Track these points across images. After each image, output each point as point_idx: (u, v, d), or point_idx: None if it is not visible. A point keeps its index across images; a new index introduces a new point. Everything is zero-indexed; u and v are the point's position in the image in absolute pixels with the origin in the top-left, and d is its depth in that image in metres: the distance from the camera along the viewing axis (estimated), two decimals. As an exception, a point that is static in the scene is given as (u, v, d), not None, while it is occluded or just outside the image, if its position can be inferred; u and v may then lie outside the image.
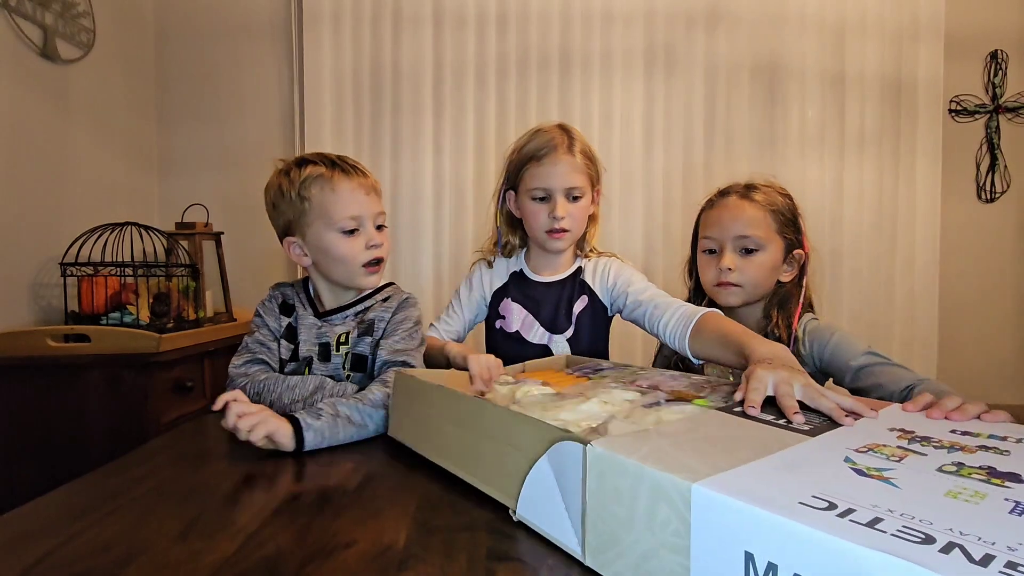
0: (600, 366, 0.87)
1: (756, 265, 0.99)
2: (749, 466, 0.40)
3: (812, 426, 0.51)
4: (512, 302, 1.13)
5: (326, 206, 0.92)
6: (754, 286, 1.00)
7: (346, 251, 0.92)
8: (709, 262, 1.04)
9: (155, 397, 1.38)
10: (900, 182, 2.11)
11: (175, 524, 0.52)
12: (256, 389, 0.87)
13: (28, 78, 1.52)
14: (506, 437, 0.54)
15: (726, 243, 1.00)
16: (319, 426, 0.73)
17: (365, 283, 0.96)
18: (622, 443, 0.45)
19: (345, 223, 0.92)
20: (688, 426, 0.51)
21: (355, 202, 0.92)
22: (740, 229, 0.99)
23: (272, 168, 1.02)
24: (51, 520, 0.54)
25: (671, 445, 0.45)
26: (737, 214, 1.00)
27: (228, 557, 0.46)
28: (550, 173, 1.04)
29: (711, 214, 1.05)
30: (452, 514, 0.54)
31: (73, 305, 1.49)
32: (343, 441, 0.76)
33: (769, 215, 1.00)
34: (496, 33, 2.03)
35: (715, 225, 1.03)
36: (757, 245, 0.99)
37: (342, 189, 0.92)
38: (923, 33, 2.09)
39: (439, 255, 2.05)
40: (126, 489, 0.61)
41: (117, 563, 0.45)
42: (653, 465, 0.40)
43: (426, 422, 0.68)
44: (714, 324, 0.87)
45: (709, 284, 1.04)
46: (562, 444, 0.46)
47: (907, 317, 2.11)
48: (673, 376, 0.76)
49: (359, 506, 0.57)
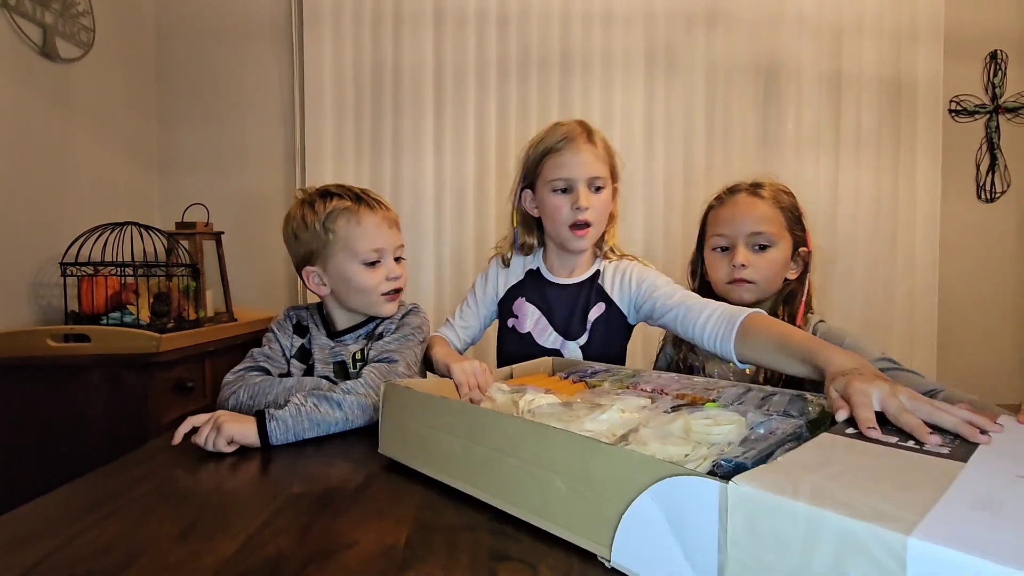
0: (589, 369, 0.86)
1: (769, 261, 0.99)
2: (941, 508, 0.34)
3: (950, 448, 0.44)
4: (526, 302, 1.11)
5: (351, 239, 0.94)
6: (767, 283, 1.00)
7: (367, 282, 0.95)
8: (720, 260, 1.02)
9: (155, 397, 1.38)
10: (900, 182, 2.11)
11: (175, 525, 0.52)
12: (251, 392, 0.88)
13: (28, 77, 1.52)
14: (574, 468, 0.47)
15: (739, 240, 0.99)
16: (282, 415, 0.75)
17: (383, 311, 0.98)
18: (770, 480, 0.37)
19: (368, 255, 0.94)
20: (815, 454, 0.44)
21: (379, 236, 0.96)
22: (753, 225, 0.99)
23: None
24: (51, 520, 0.54)
25: (827, 480, 0.38)
26: (750, 211, 1.00)
27: (228, 558, 0.46)
28: (572, 162, 1.01)
29: (721, 212, 1.04)
30: (453, 514, 0.54)
31: (73, 305, 1.48)
32: (315, 431, 0.77)
33: (779, 212, 1.00)
34: (497, 33, 2.03)
35: (727, 222, 1.02)
36: (770, 241, 0.99)
37: (367, 223, 0.95)
38: (923, 33, 2.09)
39: (440, 255, 2.05)
40: (126, 489, 0.61)
41: (117, 564, 0.45)
42: (838, 510, 0.33)
43: (433, 438, 0.62)
44: (765, 326, 0.81)
45: (721, 282, 1.02)
46: (676, 480, 0.39)
47: (907, 317, 2.11)
48: (672, 378, 0.76)
49: (360, 506, 0.56)
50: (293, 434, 0.75)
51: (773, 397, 0.64)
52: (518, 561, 0.45)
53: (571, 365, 0.91)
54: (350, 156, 2.02)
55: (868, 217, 2.10)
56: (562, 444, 0.48)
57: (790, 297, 1.02)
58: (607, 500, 0.44)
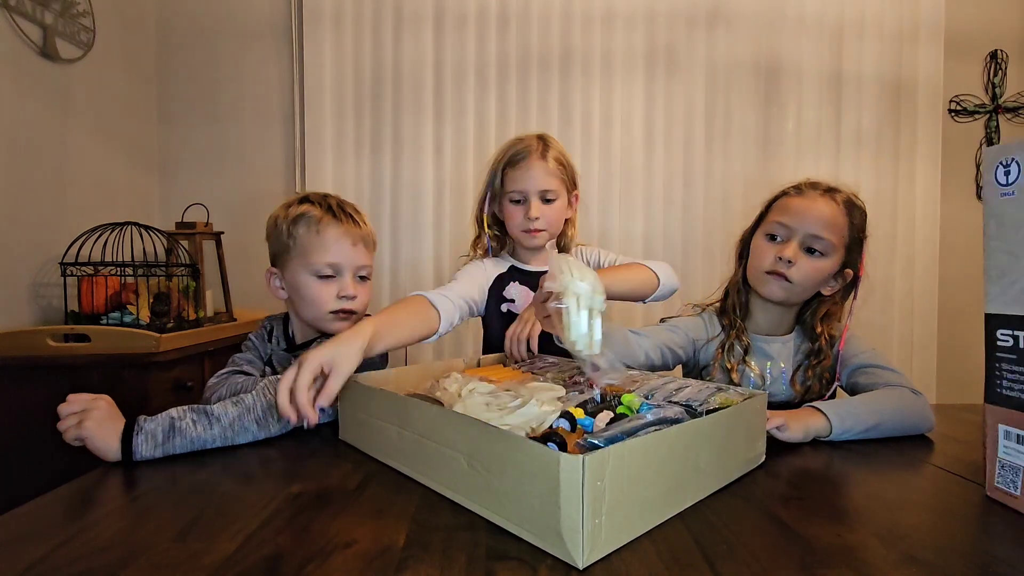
0: (540, 362, 0.91)
1: (815, 268, 0.94)
2: None
3: None
4: (520, 284, 1.18)
5: (308, 247, 0.92)
6: (803, 288, 0.96)
7: (315, 295, 0.92)
8: (769, 248, 0.97)
9: (155, 397, 1.38)
10: (900, 182, 2.11)
11: (174, 524, 0.52)
12: (232, 390, 0.88)
13: (28, 78, 1.52)
14: (470, 448, 0.54)
15: (796, 234, 0.94)
16: (153, 429, 0.69)
17: (331, 329, 0.93)
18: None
19: (321, 268, 0.92)
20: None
21: (338, 250, 0.92)
22: (817, 227, 0.93)
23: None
24: (51, 520, 0.54)
25: None
26: (821, 211, 0.94)
27: (227, 557, 0.46)
28: (524, 177, 1.13)
29: (793, 201, 0.97)
30: (451, 514, 0.54)
31: (73, 305, 1.48)
32: (189, 447, 0.70)
33: (847, 225, 0.96)
34: (497, 33, 2.03)
35: (795, 213, 0.96)
36: (825, 249, 0.94)
37: (328, 235, 0.92)
38: (923, 33, 2.09)
39: (440, 255, 2.05)
40: (126, 489, 0.61)
41: (116, 563, 0.45)
42: None
43: (376, 426, 0.70)
44: (618, 267, 1.01)
45: (760, 270, 0.97)
46: (534, 452, 0.47)
47: (906, 317, 2.11)
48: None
49: (359, 506, 0.57)
50: (163, 451, 0.68)
51: (686, 388, 0.71)
52: (516, 560, 0.45)
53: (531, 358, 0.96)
54: (350, 156, 2.02)
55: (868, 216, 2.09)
56: (462, 428, 0.56)
57: (828, 315, 0.99)
58: (493, 473, 0.52)
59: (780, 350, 1.00)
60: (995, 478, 0.58)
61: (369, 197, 2.02)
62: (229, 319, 1.76)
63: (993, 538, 0.51)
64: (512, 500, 0.50)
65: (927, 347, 2.11)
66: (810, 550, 0.47)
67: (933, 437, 0.81)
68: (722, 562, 0.45)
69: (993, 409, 0.58)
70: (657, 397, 0.68)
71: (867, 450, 0.75)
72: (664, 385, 0.73)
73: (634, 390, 0.71)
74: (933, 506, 0.58)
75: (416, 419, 0.63)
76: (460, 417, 0.58)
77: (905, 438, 0.80)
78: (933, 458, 0.73)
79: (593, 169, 2.05)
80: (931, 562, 0.45)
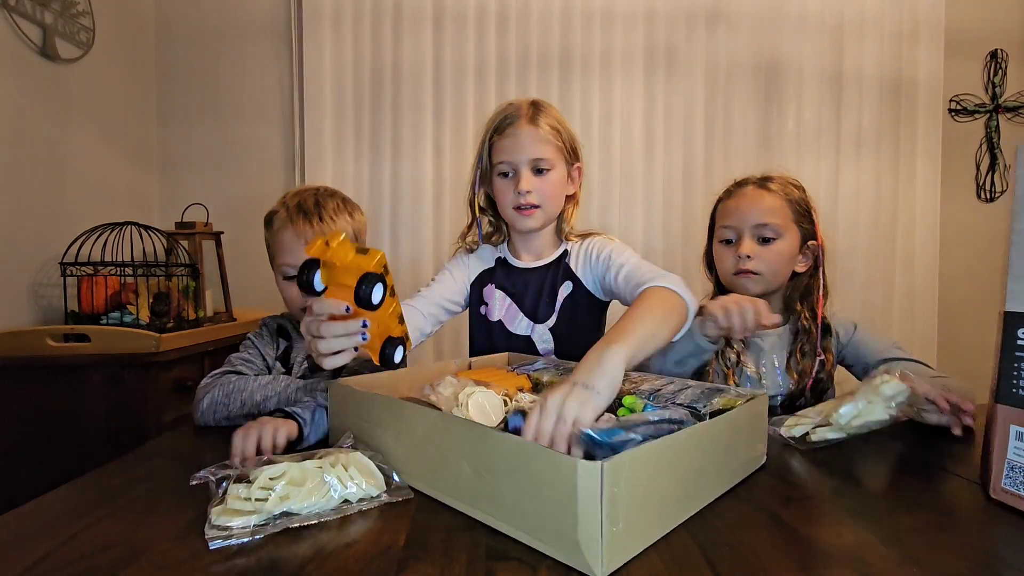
0: (535, 364, 0.88)
1: (774, 253, 1.00)
2: None
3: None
4: (495, 288, 1.06)
5: (274, 246, 0.96)
6: (772, 274, 1.00)
7: (286, 295, 0.96)
8: (727, 252, 1.03)
9: (155, 397, 1.38)
10: (900, 182, 2.11)
11: (175, 524, 0.52)
12: (225, 391, 0.88)
13: (28, 77, 1.52)
14: (475, 454, 0.53)
15: (744, 231, 1.01)
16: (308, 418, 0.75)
17: None
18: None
19: (283, 268, 0.94)
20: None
21: (293, 251, 0.93)
22: (759, 217, 1.00)
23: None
24: (51, 520, 0.54)
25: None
26: (756, 203, 1.01)
27: (227, 557, 0.46)
28: (512, 146, 0.97)
29: (729, 204, 1.05)
30: (452, 514, 0.54)
31: (73, 305, 1.48)
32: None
33: (786, 204, 1.01)
34: (496, 33, 2.03)
35: (733, 214, 1.03)
36: (775, 233, 0.99)
37: (285, 235, 0.94)
38: (923, 33, 2.09)
39: (439, 255, 2.04)
40: (126, 489, 0.61)
41: (117, 563, 0.45)
42: None
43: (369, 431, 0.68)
44: (639, 301, 0.75)
45: (727, 274, 1.04)
46: (543, 459, 0.47)
47: (906, 316, 2.11)
48: None
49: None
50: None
51: (686, 390, 0.69)
52: (516, 561, 0.45)
53: (521, 359, 0.94)
54: (350, 156, 2.02)
55: (868, 216, 2.10)
56: (465, 433, 0.54)
57: (807, 292, 1.03)
58: (497, 478, 0.50)
59: (775, 343, 1.03)
60: (1002, 479, 0.56)
61: (369, 196, 2.02)
62: (229, 319, 1.76)
63: (994, 539, 0.51)
64: (521, 508, 0.48)
65: (927, 346, 2.11)
66: (811, 550, 0.47)
67: (933, 437, 0.81)
68: (724, 564, 0.45)
69: (1006, 409, 0.56)
70: (659, 399, 0.68)
71: (867, 450, 0.75)
72: (665, 386, 0.73)
73: (634, 391, 0.71)
74: (933, 506, 0.58)
75: (415, 425, 0.61)
76: (464, 423, 0.56)
77: (905, 438, 0.80)
78: (933, 458, 0.73)
79: (593, 169, 2.05)
80: (931, 562, 0.45)
